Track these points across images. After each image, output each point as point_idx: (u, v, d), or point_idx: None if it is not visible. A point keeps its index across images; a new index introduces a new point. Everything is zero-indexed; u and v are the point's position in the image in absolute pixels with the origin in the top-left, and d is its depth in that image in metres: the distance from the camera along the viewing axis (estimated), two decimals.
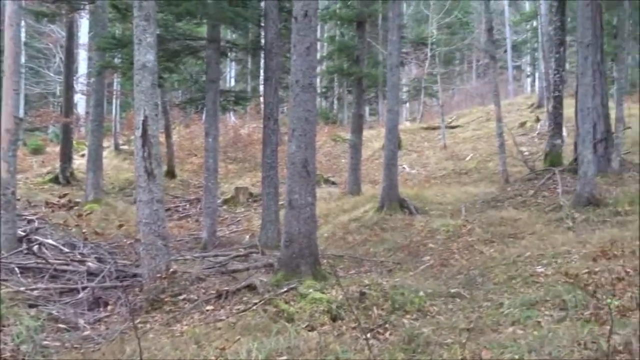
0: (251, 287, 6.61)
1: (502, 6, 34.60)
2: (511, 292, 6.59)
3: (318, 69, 26.39)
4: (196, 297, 6.59)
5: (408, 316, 6.00)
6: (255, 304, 6.06)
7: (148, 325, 6.06)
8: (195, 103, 14.21)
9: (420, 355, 4.72)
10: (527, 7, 35.09)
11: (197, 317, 6.14)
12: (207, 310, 6.26)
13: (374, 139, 23.35)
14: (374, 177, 18.15)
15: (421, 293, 6.65)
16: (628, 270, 3.36)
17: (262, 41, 11.80)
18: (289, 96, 7.20)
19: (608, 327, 3.59)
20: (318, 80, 32.38)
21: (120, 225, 5.30)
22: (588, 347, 3.98)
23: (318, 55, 30.39)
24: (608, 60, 18.02)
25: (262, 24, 11.37)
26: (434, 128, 24.71)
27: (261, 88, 19.20)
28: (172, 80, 19.50)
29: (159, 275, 6.74)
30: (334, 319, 5.64)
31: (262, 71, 12.26)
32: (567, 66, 23.84)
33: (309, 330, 5.32)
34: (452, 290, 7.02)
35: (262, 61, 12.25)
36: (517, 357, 4.20)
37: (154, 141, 7.02)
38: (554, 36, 14.81)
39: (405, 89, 31.40)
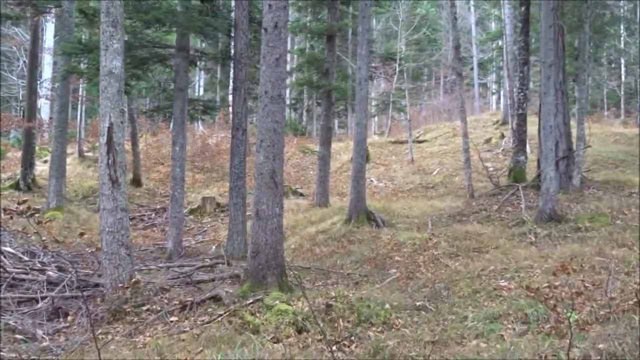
0: (216, 298, 6.52)
1: (469, 25, 35.41)
2: (475, 306, 6.69)
3: (288, 81, 26.49)
4: (160, 308, 6.46)
5: (374, 329, 6.02)
6: (221, 315, 5.99)
7: (109, 337, 5.90)
8: (163, 111, 14.05)
9: None
10: (493, 27, 36.04)
11: (161, 328, 6.02)
12: (171, 322, 6.15)
13: (342, 151, 23.49)
14: (342, 190, 18.22)
15: (387, 305, 6.69)
16: (587, 285, 3.44)
17: (232, 51, 11.77)
18: (257, 107, 7.19)
19: (568, 341, 3.67)
20: (287, 91, 32.47)
21: (82, 234, 5.16)
22: (548, 359, 4.06)
23: (288, 67, 30.49)
24: (570, 80, 18.60)
25: (232, 34, 11.35)
26: (402, 142, 25.00)
27: (230, 98, 19.11)
28: (139, 88, 19.25)
29: (121, 285, 6.59)
30: (299, 331, 5.61)
31: (231, 81, 12.17)
32: (531, 85, 24.52)
33: (274, 342, 5.28)
34: (418, 303, 7.08)
35: (232, 71, 12.20)
36: None
37: (119, 149, 6.89)
38: (518, 56, 15.22)
39: (373, 102, 31.75)
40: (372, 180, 19.21)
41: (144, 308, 6.45)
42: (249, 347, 4.79)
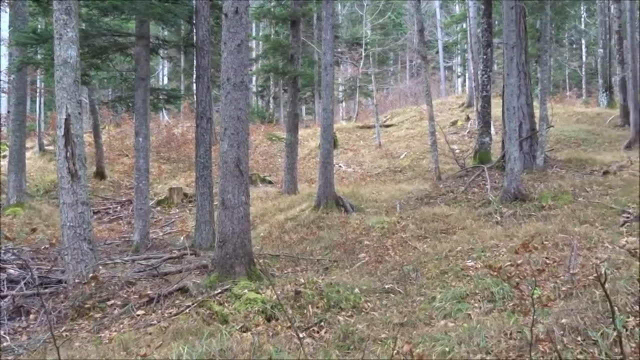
0: (184, 290, 6.42)
1: (434, 8, 35.57)
2: (443, 286, 6.76)
3: (254, 68, 26.23)
4: (126, 302, 6.33)
5: (343, 313, 6.02)
6: (188, 306, 5.90)
7: (74, 333, 5.76)
8: (125, 101, 13.71)
9: (355, 352, 4.74)
10: (457, 9, 36.26)
11: (127, 323, 5.89)
12: (138, 315, 6.03)
13: (310, 137, 23.42)
14: (310, 176, 18.19)
15: (356, 290, 6.71)
16: (549, 262, 3.49)
17: (194, 38, 11.53)
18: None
19: (531, 317, 3.73)
20: (254, 79, 32.17)
21: (34, 230, 4.95)
22: (513, 336, 4.12)
23: (253, 54, 30.04)
24: (532, 61, 18.88)
25: (194, 21, 11.11)
26: (369, 127, 25.08)
27: (195, 86, 18.81)
28: (100, 78, 18.74)
29: (84, 280, 6.42)
30: (269, 319, 5.57)
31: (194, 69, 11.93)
32: (496, 67, 24.84)
33: (243, 332, 5.23)
34: (387, 286, 7.13)
35: (195, 59, 11.96)
36: (447, 349, 4.29)
37: (77, 141, 6.69)
38: (482, 38, 15.35)
39: (340, 88, 31.72)
40: (340, 166, 19.23)
41: (109, 303, 6.30)
42: (217, 338, 4.72)
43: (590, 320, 4.01)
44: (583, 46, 35.28)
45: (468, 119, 22.78)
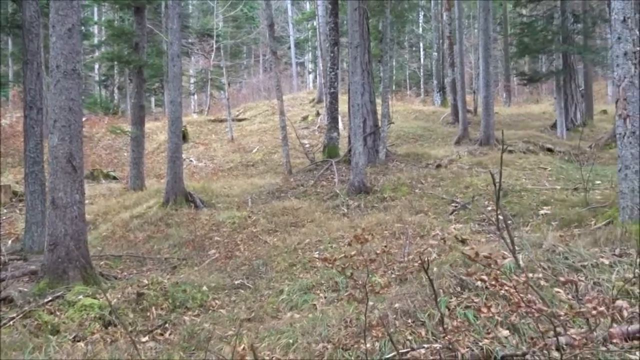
0: (8, 300, 5.76)
1: (285, 5, 36.07)
2: (291, 279, 6.89)
3: (97, 54, 24.42)
4: None
5: (190, 313, 5.86)
6: (12, 318, 5.30)
7: None
8: None
9: (199, 352, 4.62)
10: (308, 7, 37.18)
11: None
12: None
13: (159, 131, 22.48)
14: (159, 171, 17.47)
15: (204, 288, 6.57)
16: (381, 250, 3.71)
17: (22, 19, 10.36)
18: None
19: (370, 304, 3.93)
20: (96, 67, 29.95)
21: None
22: (352, 323, 4.31)
23: (95, 40, 27.90)
24: (375, 61, 20.00)
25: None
26: (222, 120, 24.73)
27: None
28: None
29: None
30: (107, 325, 5.21)
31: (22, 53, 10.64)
32: (345, 65, 25.90)
33: (77, 341, 4.83)
34: (236, 282, 7.08)
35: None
36: (291, 341, 4.36)
37: None
38: (329, 36, 15.87)
39: (192, 80, 30.84)
40: (191, 160, 18.72)
41: None
42: (44, 351, 4.30)
43: (420, 303, 4.34)
44: (421, 49, 38.25)
45: (318, 114, 23.49)
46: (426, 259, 3.01)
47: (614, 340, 3.10)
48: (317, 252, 7.67)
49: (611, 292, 3.90)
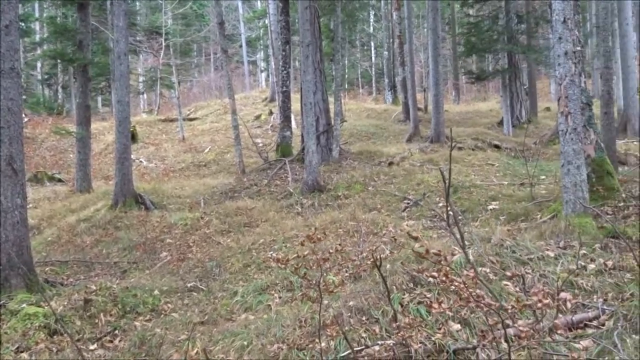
0: None
1: (236, 3, 35.70)
2: (246, 280, 6.81)
3: (39, 52, 23.47)
4: None
5: (141, 318, 5.71)
6: None
7: None
8: None
9: (151, 358, 4.50)
10: (259, 5, 36.93)
11: None
12: None
13: (107, 131, 21.85)
14: (107, 173, 16.96)
15: (156, 292, 6.42)
16: (334, 250, 3.71)
17: None
18: None
19: (324, 302, 3.92)
20: (38, 65, 28.80)
21: None
22: (307, 323, 4.30)
23: (37, 37, 26.84)
24: (328, 60, 20.08)
25: None
26: (172, 120, 24.27)
27: None
28: None
29: None
30: (52, 334, 5.01)
31: None
32: (297, 64, 25.91)
33: (21, 352, 4.63)
34: (189, 285, 6.95)
35: None
36: (246, 343, 4.31)
37: None
38: (281, 35, 15.81)
39: (141, 79, 30.13)
40: (141, 161, 18.29)
41: None
42: None
43: (373, 300, 4.37)
44: (372, 48, 38.66)
45: (271, 113, 23.38)
46: (379, 256, 3.03)
47: (559, 331, 3.21)
48: (272, 252, 7.61)
49: (556, 284, 4.04)
